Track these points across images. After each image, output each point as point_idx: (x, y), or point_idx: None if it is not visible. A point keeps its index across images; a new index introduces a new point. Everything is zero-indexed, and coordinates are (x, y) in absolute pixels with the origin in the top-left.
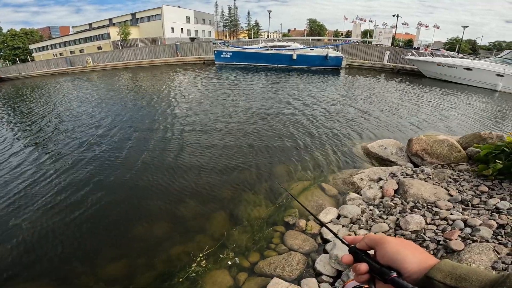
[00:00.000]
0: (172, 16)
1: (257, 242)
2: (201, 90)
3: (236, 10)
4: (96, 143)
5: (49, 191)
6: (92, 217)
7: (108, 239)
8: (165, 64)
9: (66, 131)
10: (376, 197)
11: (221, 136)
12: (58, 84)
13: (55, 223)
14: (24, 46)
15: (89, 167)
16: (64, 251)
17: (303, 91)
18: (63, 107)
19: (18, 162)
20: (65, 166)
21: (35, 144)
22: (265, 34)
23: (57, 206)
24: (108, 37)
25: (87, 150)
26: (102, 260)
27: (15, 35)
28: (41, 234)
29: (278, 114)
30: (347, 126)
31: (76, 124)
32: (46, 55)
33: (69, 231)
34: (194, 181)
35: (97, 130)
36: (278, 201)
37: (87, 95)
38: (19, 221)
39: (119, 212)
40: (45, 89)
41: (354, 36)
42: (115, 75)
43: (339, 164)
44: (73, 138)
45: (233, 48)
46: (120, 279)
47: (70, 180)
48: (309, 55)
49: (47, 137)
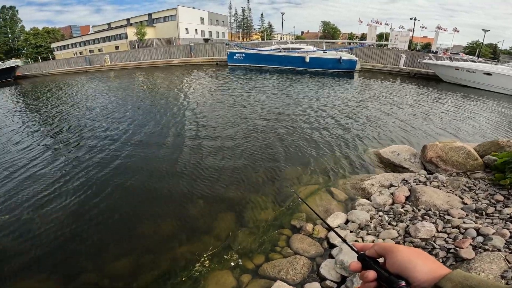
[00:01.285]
0: (187, 17)
1: (262, 244)
2: (213, 91)
3: (249, 12)
4: (109, 139)
5: (61, 184)
6: (102, 213)
7: (116, 235)
8: (179, 65)
9: (80, 126)
10: (387, 203)
11: (231, 137)
12: (77, 81)
13: (66, 217)
14: (46, 44)
15: (101, 163)
16: (73, 246)
17: (315, 94)
18: (79, 104)
19: (32, 155)
20: (77, 161)
21: (50, 137)
22: (278, 36)
23: (70, 200)
24: (126, 37)
25: (99, 145)
26: (109, 256)
27: (38, 34)
28: (52, 228)
29: (289, 117)
30: (359, 131)
31: (91, 120)
32: (66, 53)
33: (79, 225)
34: (203, 181)
35: (112, 126)
36: (285, 204)
37: (103, 93)
38: (32, 215)
39: (128, 209)
40: (64, 86)
41: (369, 39)
42: (130, 74)
43: (349, 169)
44: (87, 133)
45: (246, 50)
46: (125, 276)
47: (82, 174)
48: (322, 57)
49: (61, 131)
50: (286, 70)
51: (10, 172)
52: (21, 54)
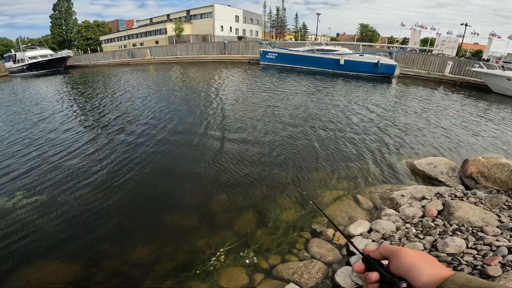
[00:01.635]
0: (222, 14)
1: (280, 245)
2: (245, 88)
3: (284, 12)
4: (144, 127)
5: (97, 167)
6: (129, 199)
7: (141, 222)
8: (212, 61)
9: (120, 113)
10: (416, 215)
11: (260, 135)
12: (120, 73)
13: (96, 200)
14: (95, 37)
15: (135, 150)
16: (100, 229)
17: (349, 98)
18: (121, 93)
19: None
20: (114, 145)
21: (92, 121)
22: (312, 37)
23: (102, 183)
24: (165, 32)
25: (136, 132)
26: (131, 243)
27: (89, 26)
28: (81, 210)
29: (320, 120)
30: (393, 139)
31: (130, 108)
32: (113, 46)
33: (107, 209)
34: (229, 175)
35: (148, 115)
36: (308, 207)
37: (143, 84)
38: (66, 195)
39: (155, 198)
40: (109, 76)
41: (412, 44)
42: (168, 68)
43: (379, 178)
44: (125, 120)
45: (278, 49)
46: (143, 264)
47: (116, 159)
48: (358, 61)
49: (102, 116)
50: (319, 72)
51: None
52: (73, 46)
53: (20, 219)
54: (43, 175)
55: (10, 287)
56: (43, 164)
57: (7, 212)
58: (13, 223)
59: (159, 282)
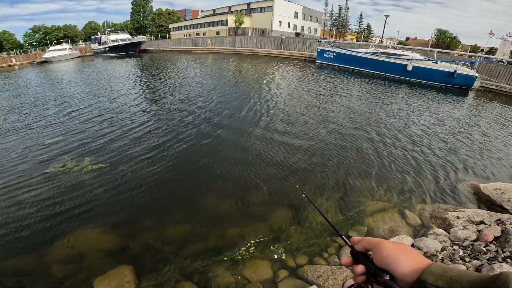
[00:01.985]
0: (281, 9)
1: (311, 246)
2: (299, 86)
3: (347, 11)
4: (198, 111)
5: (153, 144)
6: (174, 179)
7: (180, 202)
8: (268, 55)
9: (180, 96)
10: (468, 238)
11: (309, 134)
12: (183, 59)
13: (147, 177)
14: (165, 24)
15: (189, 131)
16: (143, 204)
17: (413, 108)
18: (183, 77)
19: (139, 113)
20: (171, 125)
21: (155, 100)
22: (377, 39)
23: (154, 161)
24: (226, 24)
25: (191, 115)
26: (167, 221)
27: (161, 14)
28: (132, 183)
29: (376, 127)
30: (459, 158)
31: (190, 91)
32: (179, 34)
33: (153, 186)
34: (272, 169)
35: (205, 100)
36: (349, 213)
37: (203, 71)
38: (123, 168)
39: (197, 180)
40: (174, 62)
41: (500, 55)
42: (225, 58)
43: (434, 196)
44: (184, 103)
45: (337, 49)
46: (176, 242)
47: (171, 139)
48: (429, 68)
49: (164, 98)
50: (381, 76)
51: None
52: (147, 32)
53: (82, 185)
54: (110, 145)
55: (58, 246)
56: (112, 135)
57: (74, 176)
58: (76, 188)
59: (187, 262)
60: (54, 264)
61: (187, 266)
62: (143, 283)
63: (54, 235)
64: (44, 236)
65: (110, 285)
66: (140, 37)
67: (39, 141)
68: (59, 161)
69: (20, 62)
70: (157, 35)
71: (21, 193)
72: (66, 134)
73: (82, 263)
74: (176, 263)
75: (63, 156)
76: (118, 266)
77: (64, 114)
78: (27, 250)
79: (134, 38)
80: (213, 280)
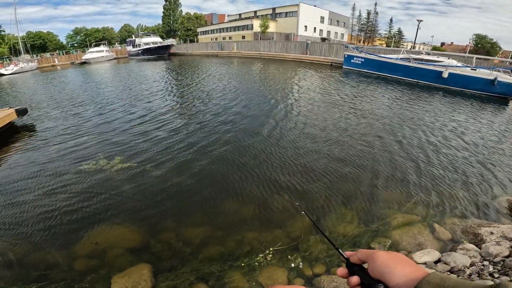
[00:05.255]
0: (307, 14)
1: (330, 256)
2: (325, 92)
3: (375, 16)
4: (227, 115)
5: (179, 145)
6: (197, 180)
7: (201, 204)
8: (293, 60)
9: (208, 98)
10: (500, 254)
11: (335, 142)
12: (210, 63)
13: (172, 177)
14: (194, 28)
15: (214, 134)
16: (165, 204)
17: (448, 118)
18: (210, 80)
19: (168, 114)
20: (198, 127)
21: (184, 103)
22: (409, 45)
23: (180, 162)
24: (251, 28)
25: (218, 118)
26: (188, 222)
27: (190, 18)
28: (157, 183)
29: (409, 136)
30: (494, 172)
31: (217, 95)
32: (206, 38)
33: (176, 187)
34: (294, 176)
35: (232, 104)
36: (372, 225)
37: (228, 74)
38: (150, 168)
39: (219, 183)
40: (201, 65)
41: None
42: (250, 63)
43: (466, 211)
44: (211, 105)
45: (366, 55)
46: (195, 244)
47: (197, 141)
48: (467, 75)
49: (193, 100)
50: (414, 83)
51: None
52: (176, 35)
53: (111, 182)
54: (139, 145)
55: (83, 241)
56: (143, 136)
57: (104, 173)
58: (105, 184)
59: (204, 264)
60: (78, 259)
61: (204, 268)
62: (159, 282)
63: (80, 230)
64: (71, 230)
65: (128, 281)
66: (170, 40)
67: (77, 138)
68: (93, 158)
69: (62, 62)
70: (186, 38)
71: (55, 188)
72: (102, 133)
73: (104, 258)
74: (193, 264)
75: (98, 154)
76: (138, 264)
77: (101, 113)
78: (54, 244)
79: (165, 42)
80: (228, 285)
